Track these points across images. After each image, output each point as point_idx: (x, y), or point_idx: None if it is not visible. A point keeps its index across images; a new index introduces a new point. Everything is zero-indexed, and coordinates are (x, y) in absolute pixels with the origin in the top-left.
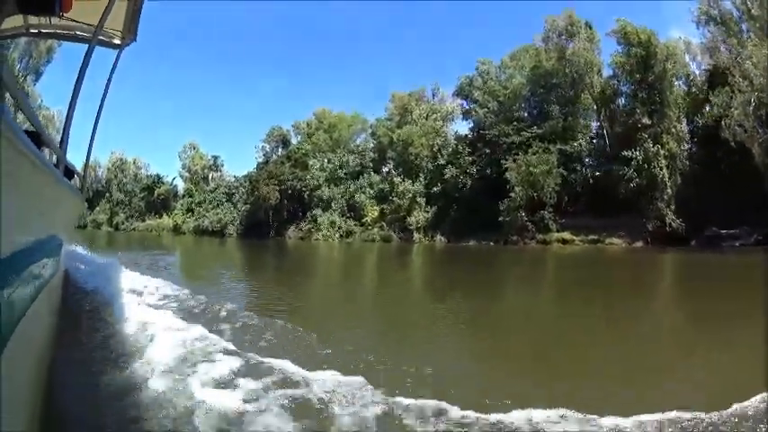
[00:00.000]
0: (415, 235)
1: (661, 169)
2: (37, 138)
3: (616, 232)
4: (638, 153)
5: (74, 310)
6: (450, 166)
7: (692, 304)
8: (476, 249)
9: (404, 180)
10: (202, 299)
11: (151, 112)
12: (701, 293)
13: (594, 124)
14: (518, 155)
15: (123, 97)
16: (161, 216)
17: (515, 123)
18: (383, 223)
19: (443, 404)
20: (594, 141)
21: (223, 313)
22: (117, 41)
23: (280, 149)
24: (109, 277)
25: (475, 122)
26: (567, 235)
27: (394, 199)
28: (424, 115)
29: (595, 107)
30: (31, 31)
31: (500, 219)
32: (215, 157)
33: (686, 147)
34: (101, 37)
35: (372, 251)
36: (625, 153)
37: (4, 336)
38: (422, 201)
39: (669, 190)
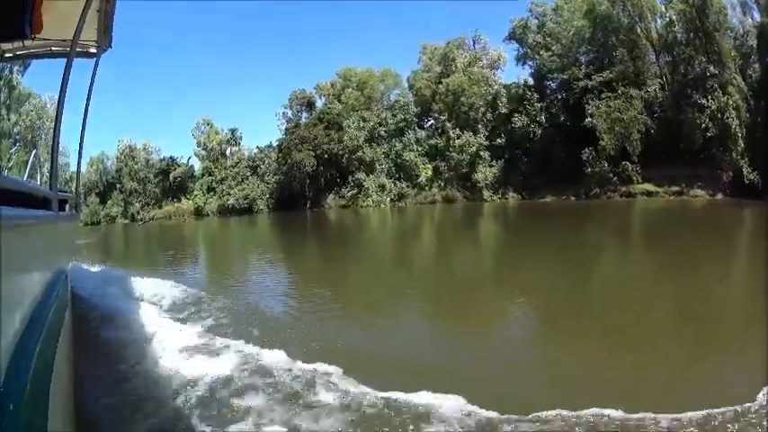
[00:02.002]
0: (485, 193)
1: (733, 120)
2: (27, 197)
3: (695, 183)
4: (712, 102)
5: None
6: (517, 114)
7: None
8: (559, 206)
9: (462, 133)
10: None
11: (154, 95)
12: None
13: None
14: (592, 100)
15: (122, 84)
16: (179, 200)
17: (583, 67)
18: (440, 182)
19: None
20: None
21: None
22: (93, 50)
23: (304, 114)
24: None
25: (536, 67)
26: (650, 186)
27: (452, 155)
28: (466, 63)
29: (653, 53)
30: (6, 56)
31: (587, 170)
32: (232, 131)
33: (746, 99)
34: (78, 49)
35: (441, 216)
36: (701, 101)
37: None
38: (485, 155)
39: (741, 141)
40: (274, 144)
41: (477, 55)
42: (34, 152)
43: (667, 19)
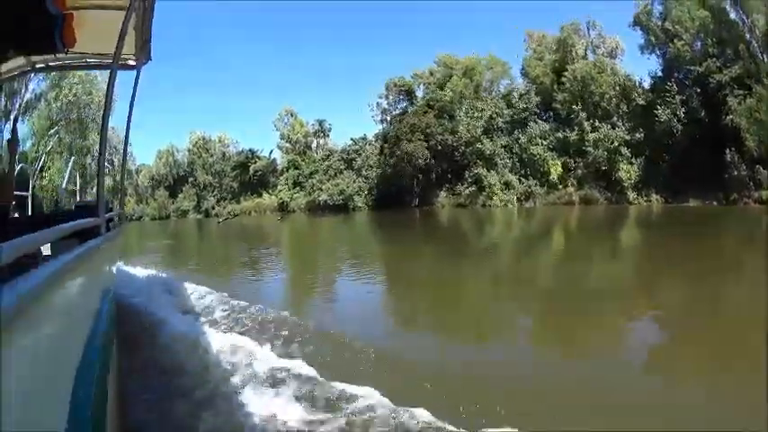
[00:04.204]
0: (630, 194)
1: None
2: (80, 234)
3: None
4: None
5: None
6: (660, 107)
7: None
8: (711, 213)
9: (600, 125)
10: None
11: (226, 87)
12: None
13: None
14: (730, 97)
15: (196, 79)
16: (260, 195)
17: (714, 59)
18: (572, 180)
19: None
20: None
21: None
22: (132, 62)
23: (402, 104)
24: None
25: (668, 57)
26: None
27: (589, 150)
28: (584, 51)
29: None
30: (38, 66)
31: (733, 173)
32: (320, 122)
33: None
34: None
35: (592, 221)
36: None
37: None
38: (626, 151)
39: None
40: (370, 136)
41: (594, 42)
42: (73, 159)
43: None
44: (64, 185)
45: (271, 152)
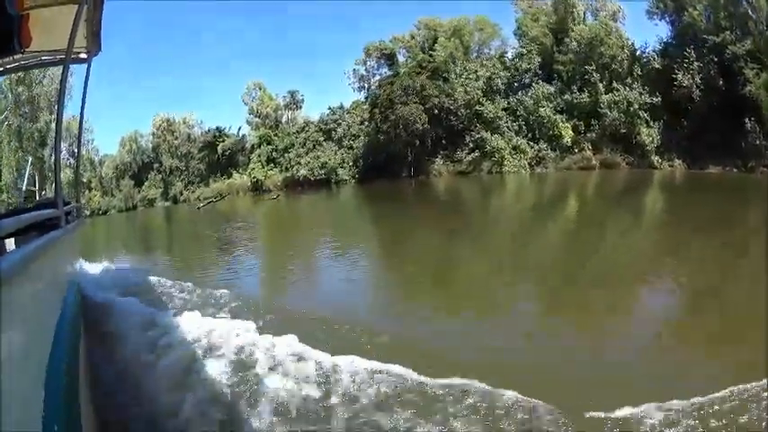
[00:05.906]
0: (653, 158)
1: None
2: (38, 226)
3: None
4: None
5: None
6: (680, 72)
7: None
8: (738, 179)
9: (618, 87)
10: None
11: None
12: None
13: None
14: (746, 68)
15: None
16: (230, 176)
17: (728, 32)
18: (588, 144)
19: None
20: None
21: None
22: (84, 56)
23: (383, 70)
24: None
25: (682, 25)
26: None
27: (605, 112)
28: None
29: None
30: None
31: (755, 141)
32: (292, 93)
33: None
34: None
35: (643, 188)
36: None
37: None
38: (644, 115)
39: None
40: (347, 105)
41: (594, 6)
42: (30, 160)
43: None
44: (23, 188)
45: (239, 129)
